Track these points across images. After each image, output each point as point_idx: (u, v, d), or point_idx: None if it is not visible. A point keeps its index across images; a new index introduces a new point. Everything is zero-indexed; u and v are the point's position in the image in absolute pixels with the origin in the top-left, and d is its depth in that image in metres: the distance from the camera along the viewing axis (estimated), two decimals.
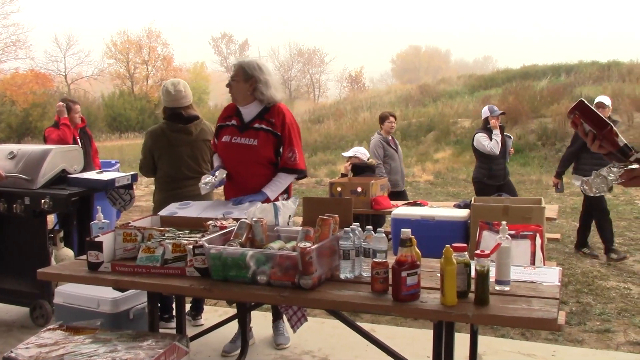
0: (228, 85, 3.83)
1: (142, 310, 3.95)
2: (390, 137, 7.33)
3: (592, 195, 2.29)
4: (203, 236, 2.89)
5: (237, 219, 3.03)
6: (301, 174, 3.84)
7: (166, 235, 3.02)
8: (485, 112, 7.11)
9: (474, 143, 7.05)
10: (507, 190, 6.75)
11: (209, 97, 50.20)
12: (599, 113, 2.25)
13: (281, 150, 3.76)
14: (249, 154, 3.75)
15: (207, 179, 3.74)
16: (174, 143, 4.35)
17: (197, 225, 3.22)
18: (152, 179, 4.61)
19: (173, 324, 4.60)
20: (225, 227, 2.97)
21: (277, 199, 3.30)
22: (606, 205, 6.65)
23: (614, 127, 2.25)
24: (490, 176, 6.94)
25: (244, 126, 3.80)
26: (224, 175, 3.80)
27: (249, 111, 3.81)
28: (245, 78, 3.74)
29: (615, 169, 2.19)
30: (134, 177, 5.04)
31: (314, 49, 61.52)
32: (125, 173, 5.12)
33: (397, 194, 6.97)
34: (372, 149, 7.14)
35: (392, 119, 7.31)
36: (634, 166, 2.16)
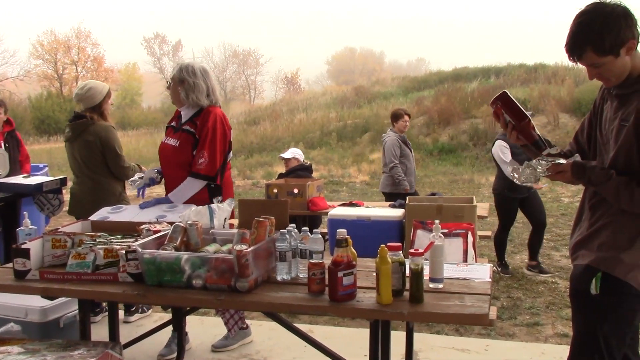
0: (167, 87, 3.90)
1: (73, 319, 3.83)
2: (405, 136, 7.10)
3: (519, 183, 2.38)
4: (136, 240, 2.82)
5: (171, 223, 2.98)
6: (209, 180, 3.75)
7: (97, 240, 2.93)
8: None
9: (493, 151, 6.11)
10: (531, 204, 6.12)
11: (142, 99, 49.21)
12: (520, 105, 2.36)
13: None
14: (171, 155, 3.82)
15: (136, 176, 3.93)
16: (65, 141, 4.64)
17: (129, 229, 3.15)
18: (72, 184, 4.70)
19: (99, 318, 4.53)
20: (159, 231, 2.91)
21: (211, 202, 3.26)
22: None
23: (532, 121, 2.35)
24: (512, 188, 5.86)
25: (178, 128, 3.84)
26: (153, 174, 3.93)
27: (185, 113, 3.84)
28: (179, 80, 3.79)
29: (544, 162, 2.28)
30: (63, 181, 4.88)
31: (249, 50, 61.35)
32: (53, 177, 4.95)
33: (411, 195, 6.65)
34: (388, 148, 6.83)
35: (406, 117, 7.04)
36: (562, 161, 2.26)
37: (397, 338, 3.05)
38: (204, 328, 4.27)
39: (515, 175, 2.34)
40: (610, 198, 2.18)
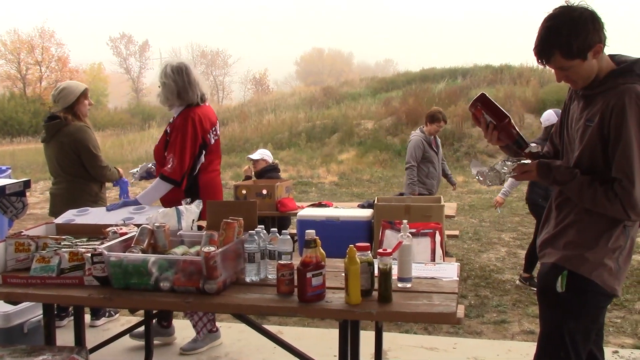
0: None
1: (38, 323, 3.76)
2: (432, 138, 6.75)
3: (485, 187, 2.42)
4: (102, 243, 2.79)
5: (138, 225, 2.95)
6: (174, 184, 3.75)
7: (62, 243, 2.89)
8: (550, 118, 5.56)
9: None
10: None
11: (108, 100, 48.52)
12: (499, 105, 2.39)
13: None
14: (155, 152, 3.98)
15: (134, 169, 4.24)
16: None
17: (95, 232, 3.11)
18: (50, 184, 4.72)
19: (64, 322, 4.46)
20: (126, 234, 2.88)
21: (179, 203, 3.23)
22: None
23: (512, 120, 2.38)
24: (548, 197, 5.72)
25: (167, 126, 3.96)
26: (148, 167, 4.15)
27: (174, 112, 3.92)
28: (160, 82, 3.87)
29: (509, 163, 2.32)
30: (27, 184, 4.78)
31: (217, 51, 60.96)
32: (17, 180, 4.85)
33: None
34: (410, 148, 6.60)
35: (442, 123, 6.73)
36: (526, 161, 2.29)
37: (367, 338, 3.06)
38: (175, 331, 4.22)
39: (481, 178, 2.37)
40: (574, 197, 2.22)
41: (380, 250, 2.39)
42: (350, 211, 5.14)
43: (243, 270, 2.68)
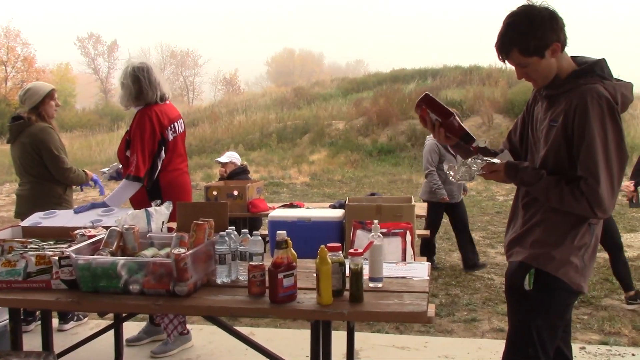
0: None
1: (4, 328, 3.68)
2: None
3: (454, 181, 2.45)
4: (70, 246, 2.74)
5: (106, 227, 2.91)
6: (139, 182, 3.75)
7: (29, 247, 2.83)
8: None
9: None
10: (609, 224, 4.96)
11: (76, 100, 47.75)
12: (443, 104, 2.43)
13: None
14: (118, 154, 3.97)
15: (104, 169, 4.24)
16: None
17: (63, 235, 3.06)
18: (17, 186, 4.63)
19: (32, 327, 4.39)
20: (94, 236, 2.84)
21: (149, 204, 3.21)
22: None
23: (457, 116, 2.43)
24: None
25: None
26: (118, 167, 4.13)
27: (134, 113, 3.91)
28: (121, 83, 3.86)
29: (479, 161, 2.34)
30: None
31: (187, 51, 60.48)
32: None
33: (452, 207, 6.37)
34: (425, 154, 6.35)
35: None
36: (496, 161, 2.32)
37: (338, 338, 3.07)
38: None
39: (452, 172, 2.40)
40: (541, 197, 2.24)
41: (351, 251, 2.40)
42: (321, 211, 5.14)
43: (214, 271, 2.66)
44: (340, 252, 2.41)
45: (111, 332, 3.64)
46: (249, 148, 19.72)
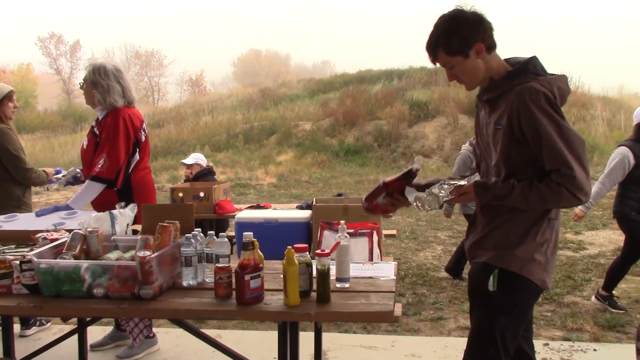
0: (80, 87, 3.90)
1: None
2: None
3: (424, 212, 2.42)
4: (31, 250, 2.69)
5: (69, 230, 2.86)
6: (108, 184, 3.71)
7: None
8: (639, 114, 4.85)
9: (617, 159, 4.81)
10: None
11: (37, 101, 46.83)
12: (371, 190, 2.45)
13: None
14: (83, 155, 3.89)
15: (59, 175, 4.12)
16: None
17: (24, 238, 3.01)
18: None
19: None
20: (57, 239, 2.79)
21: (113, 207, 3.16)
22: None
23: (385, 180, 2.44)
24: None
25: (93, 128, 3.89)
26: (75, 173, 4.08)
27: (99, 114, 3.87)
28: (91, 83, 3.79)
29: (445, 186, 2.32)
30: None
31: (152, 51, 59.78)
32: None
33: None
34: (459, 162, 5.85)
35: None
36: (462, 183, 2.31)
37: (306, 338, 3.07)
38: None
39: (419, 204, 2.35)
40: (521, 205, 2.23)
41: (318, 251, 2.40)
42: (288, 212, 5.13)
43: (180, 274, 2.64)
44: (307, 252, 2.41)
45: (75, 337, 3.57)
46: (216, 149, 19.60)
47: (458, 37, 2.22)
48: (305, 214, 4.95)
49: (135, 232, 3.21)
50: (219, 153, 19.00)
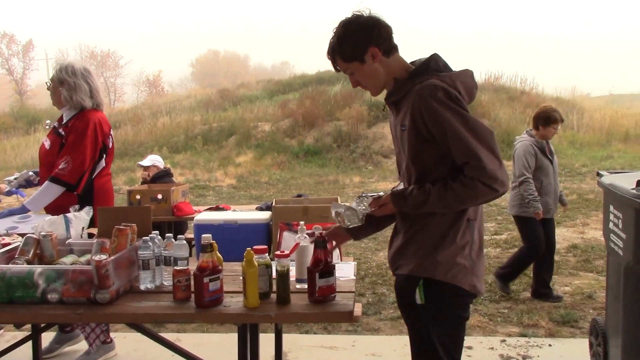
0: (47, 88, 3.83)
1: None
2: (545, 143, 5.18)
3: (345, 227, 2.35)
4: None
5: (22, 235, 2.79)
6: (69, 187, 3.65)
7: None
8: None
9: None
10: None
11: None
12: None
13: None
14: (43, 156, 3.80)
15: (11, 177, 3.94)
16: None
17: None
18: None
19: None
20: (9, 244, 2.72)
21: (67, 210, 3.10)
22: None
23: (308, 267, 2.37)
24: None
25: (56, 128, 3.80)
26: (27, 175, 3.95)
27: (66, 114, 3.80)
28: (58, 81, 3.73)
29: (366, 198, 2.26)
30: None
31: (108, 52, 58.78)
32: None
33: (546, 222, 5.19)
34: (520, 156, 5.10)
35: (557, 125, 5.15)
36: (381, 194, 2.25)
37: (267, 340, 3.06)
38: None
39: (339, 219, 2.29)
40: (441, 209, 2.16)
41: (277, 252, 2.40)
42: (248, 214, 5.12)
43: (137, 277, 2.60)
44: (267, 254, 2.40)
45: (29, 344, 3.49)
46: (174, 151, 19.38)
47: (351, 43, 2.19)
48: (265, 215, 4.94)
49: (91, 235, 3.15)
50: (178, 154, 18.80)
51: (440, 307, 2.19)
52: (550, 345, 4.17)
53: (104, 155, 3.81)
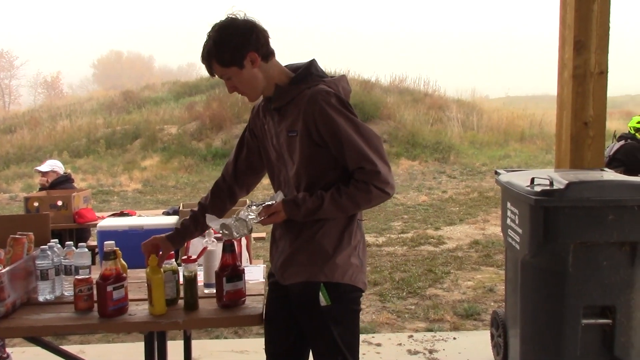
0: None
1: None
2: None
3: (233, 239, 2.26)
4: None
5: None
6: None
7: None
8: None
9: None
10: None
11: None
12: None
13: None
14: None
15: None
16: None
17: None
18: None
19: None
20: None
21: None
22: None
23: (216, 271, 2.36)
24: None
25: None
26: None
27: None
28: None
29: (254, 207, 2.19)
30: None
31: (1, 51, 55.75)
32: None
33: None
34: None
35: None
36: (270, 202, 2.19)
37: (176, 347, 3.00)
38: None
39: (226, 231, 2.18)
40: (335, 214, 2.17)
41: (184, 257, 2.36)
42: (154, 219, 5.00)
43: (35, 289, 2.48)
44: (174, 259, 2.36)
45: None
46: (75, 155, 18.62)
47: (230, 47, 2.12)
48: (172, 220, 4.85)
49: None
50: (79, 159, 18.07)
51: (339, 306, 2.20)
52: (454, 338, 4.32)
53: None
